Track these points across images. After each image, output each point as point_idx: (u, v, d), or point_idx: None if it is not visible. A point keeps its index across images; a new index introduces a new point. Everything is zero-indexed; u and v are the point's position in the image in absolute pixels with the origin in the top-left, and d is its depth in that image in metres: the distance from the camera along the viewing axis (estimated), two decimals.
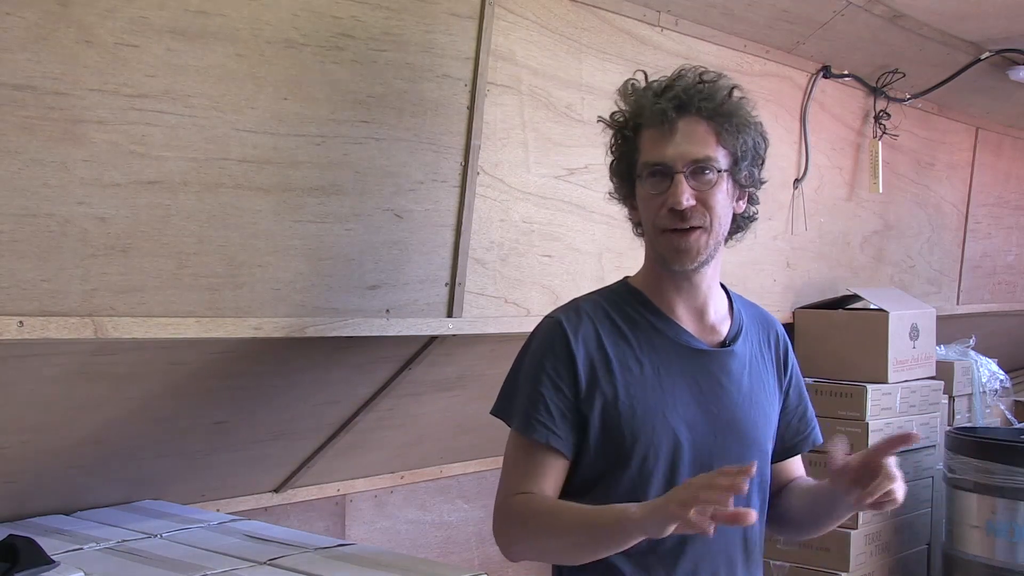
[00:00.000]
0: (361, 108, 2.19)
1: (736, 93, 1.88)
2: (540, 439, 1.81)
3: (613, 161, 1.94)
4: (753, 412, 1.91)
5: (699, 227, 1.81)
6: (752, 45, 3.19)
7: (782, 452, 2.03)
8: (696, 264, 1.84)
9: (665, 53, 2.87)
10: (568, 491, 1.85)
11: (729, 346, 1.92)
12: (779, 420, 2.01)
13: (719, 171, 1.82)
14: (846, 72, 3.59)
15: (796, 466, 2.10)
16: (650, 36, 2.84)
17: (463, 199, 2.42)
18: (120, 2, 1.80)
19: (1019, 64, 3.77)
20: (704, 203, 1.81)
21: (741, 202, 1.90)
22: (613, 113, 1.93)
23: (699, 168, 1.81)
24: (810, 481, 2.08)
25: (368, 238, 2.27)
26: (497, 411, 1.92)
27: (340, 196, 2.19)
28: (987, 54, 3.68)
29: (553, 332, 1.86)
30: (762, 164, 1.92)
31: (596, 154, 2.71)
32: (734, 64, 3.13)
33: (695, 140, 1.81)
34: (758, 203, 1.95)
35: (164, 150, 1.90)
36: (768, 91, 3.34)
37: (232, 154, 2.00)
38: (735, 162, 1.84)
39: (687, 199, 1.79)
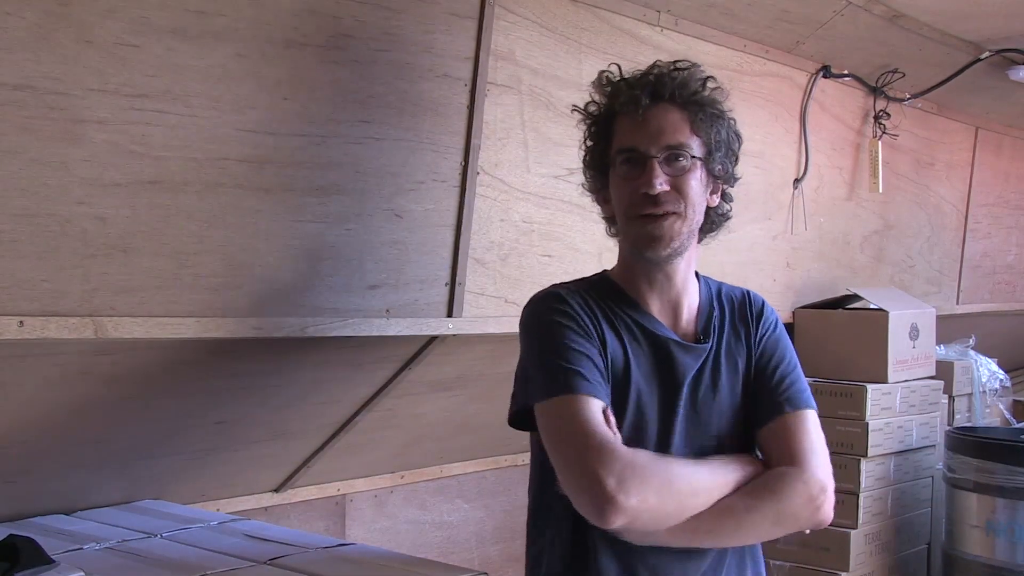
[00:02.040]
0: (361, 108, 2.19)
1: (710, 84, 1.88)
2: (595, 395, 1.75)
3: (586, 152, 1.94)
4: (724, 404, 1.89)
5: (673, 213, 1.81)
6: (752, 45, 3.19)
7: (756, 418, 1.91)
8: (669, 251, 1.84)
9: (665, 53, 2.87)
10: (552, 468, 1.83)
11: (703, 341, 1.90)
12: (755, 384, 1.92)
13: (692, 157, 1.82)
14: (846, 72, 3.59)
15: (776, 443, 1.88)
16: (650, 36, 2.84)
17: (463, 199, 2.42)
18: (120, 2, 1.80)
19: (1019, 64, 3.77)
20: (678, 189, 1.81)
21: (715, 196, 1.90)
22: (587, 103, 1.93)
23: (673, 154, 1.81)
24: None
25: (368, 238, 2.27)
26: (522, 404, 1.84)
27: (340, 196, 2.19)
28: (987, 54, 3.68)
29: (555, 299, 1.86)
30: (736, 160, 1.92)
31: None
32: (734, 64, 3.13)
33: (669, 127, 1.82)
34: (732, 200, 1.95)
35: (164, 150, 1.90)
36: (768, 91, 3.34)
37: (232, 154, 2.00)
38: (709, 152, 1.85)
39: (660, 184, 1.79)
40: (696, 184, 1.83)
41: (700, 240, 1.94)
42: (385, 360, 2.54)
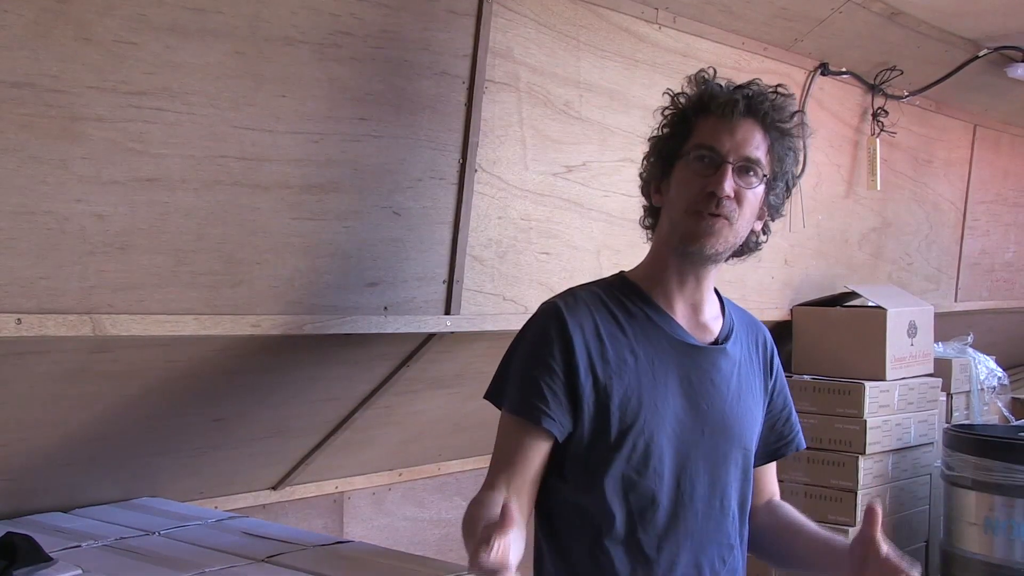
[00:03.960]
0: (359, 106, 2.19)
1: (799, 118, 1.92)
2: (533, 420, 1.82)
3: (661, 138, 1.95)
4: (740, 410, 1.93)
5: (727, 219, 1.84)
6: (750, 42, 3.19)
7: (765, 455, 2.05)
8: (711, 252, 1.86)
9: (663, 50, 2.87)
10: (564, 476, 1.86)
11: (721, 344, 1.94)
12: (764, 423, 2.02)
13: (762, 176, 1.86)
14: (844, 69, 3.59)
15: (771, 478, 2.11)
16: (648, 33, 2.84)
17: (461, 196, 2.42)
18: None
19: (1017, 61, 3.77)
20: (739, 201, 1.84)
21: (760, 222, 1.93)
22: (677, 93, 1.94)
23: (746, 167, 1.84)
24: (800, 519, 2.06)
25: (366, 235, 2.27)
26: (490, 394, 1.92)
27: (338, 193, 2.19)
28: (985, 51, 3.68)
29: (550, 317, 1.87)
30: (788, 195, 1.96)
31: (594, 151, 2.73)
32: (732, 61, 3.13)
33: (751, 141, 1.85)
34: (770, 232, 1.98)
35: (162, 147, 1.90)
36: None
37: (230, 151, 2.00)
38: (774, 178, 1.89)
39: (729, 187, 1.82)
40: (755, 202, 1.87)
41: (727, 260, 1.96)
42: (383, 357, 2.54)
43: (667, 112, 1.94)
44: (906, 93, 3.88)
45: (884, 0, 3.15)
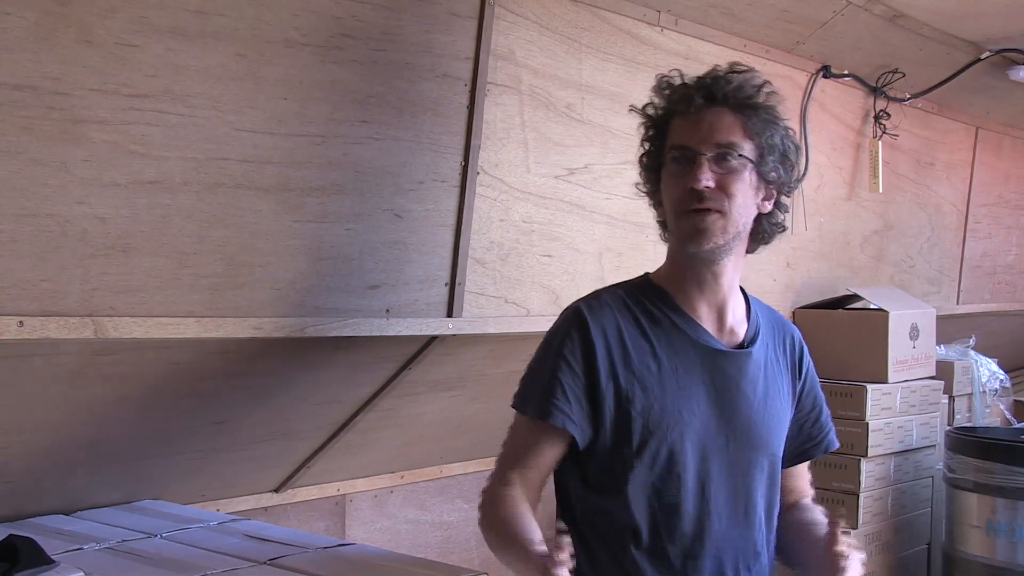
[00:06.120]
0: (361, 108, 2.19)
1: (766, 89, 1.88)
2: (551, 419, 1.81)
3: (643, 154, 1.94)
4: (766, 416, 1.91)
5: (716, 210, 1.81)
6: (752, 45, 3.19)
7: (792, 457, 2.02)
8: (711, 246, 1.82)
9: (665, 53, 2.87)
10: (589, 484, 1.86)
11: (747, 348, 1.92)
12: (792, 424, 1.99)
13: (742, 157, 1.82)
14: (846, 72, 3.59)
15: (803, 479, 2.08)
16: (650, 36, 2.84)
17: (463, 199, 2.42)
18: (120, 2, 1.80)
19: (1019, 64, 3.77)
20: (724, 189, 1.81)
21: (767, 202, 1.89)
22: (646, 105, 1.93)
23: (722, 153, 1.81)
24: (814, 522, 2.00)
25: (368, 238, 2.27)
26: (515, 403, 1.90)
27: (340, 196, 2.19)
28: (987, 54, 3.68)
29: (573, 321, 1.86)
30: (792, 168, 1.91)
31: (596, 154, 2.73)
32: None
33: (720, 127, 1.82)
34: (787, 210, 1.94)
35: (164, 150, 1.90)
36: None
37: (232, 154, 2.00)
38: (761, 155, 1.84)
39: (705, 179, 1.79)
40: (743, 186, 1.83)
41: (753, 250, 1.94)
42: (385, 360, 2.54)
43: (643, 124, 1.93)
44: (908, 95, 3.88)
45: (886, 3, 3.15)
